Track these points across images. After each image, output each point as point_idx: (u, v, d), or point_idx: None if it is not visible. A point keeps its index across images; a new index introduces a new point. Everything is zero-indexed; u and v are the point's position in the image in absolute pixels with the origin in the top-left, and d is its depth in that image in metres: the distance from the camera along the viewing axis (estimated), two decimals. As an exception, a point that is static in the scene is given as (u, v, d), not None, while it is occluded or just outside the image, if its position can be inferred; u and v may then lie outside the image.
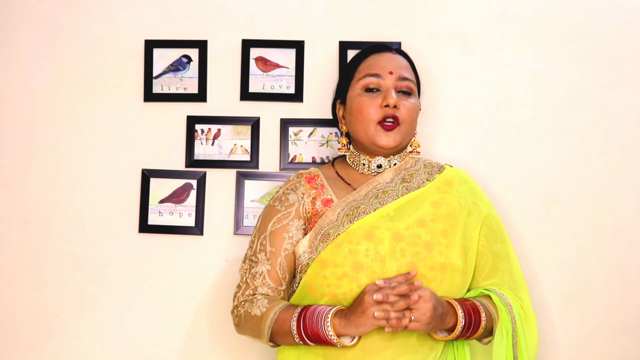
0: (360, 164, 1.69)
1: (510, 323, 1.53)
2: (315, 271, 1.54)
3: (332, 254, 1.53)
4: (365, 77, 1.65)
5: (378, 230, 1.55)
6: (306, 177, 1.69)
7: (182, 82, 1.99)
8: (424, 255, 1.53)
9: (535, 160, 1.94)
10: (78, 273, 1.95)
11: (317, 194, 1.65)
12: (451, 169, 1.70)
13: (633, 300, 1.90)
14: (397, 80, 1.64)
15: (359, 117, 1.63)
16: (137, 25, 2.01)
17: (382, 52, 1.70)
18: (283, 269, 1.60)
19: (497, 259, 1.61)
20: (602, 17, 1.96)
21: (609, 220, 1.91)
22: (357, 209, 1.59)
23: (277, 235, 1.61)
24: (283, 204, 1.65)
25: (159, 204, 1.96)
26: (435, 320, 1.44)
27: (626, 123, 1.94)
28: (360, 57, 1.72)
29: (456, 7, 1.98)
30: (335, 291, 1.51)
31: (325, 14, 1.99)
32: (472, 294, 1.59)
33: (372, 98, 1.63)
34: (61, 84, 2.01)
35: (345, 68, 1.79)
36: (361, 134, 1.64)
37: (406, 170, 1.67)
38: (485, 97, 1.96)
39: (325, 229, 1.57)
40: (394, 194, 1.62)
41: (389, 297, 1.42)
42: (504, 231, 1.67)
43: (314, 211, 1.62)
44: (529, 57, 1.96)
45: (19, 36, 2.02)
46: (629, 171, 1.92)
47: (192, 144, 1.97)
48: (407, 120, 1.63)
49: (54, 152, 1.99)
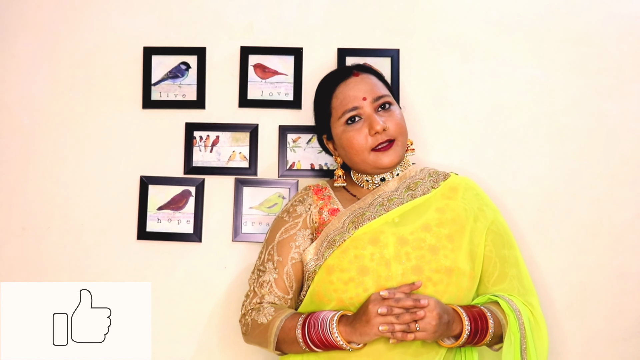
0: (364, 181, 1.70)
1: (518, 329, 1.52)
2: (322, 277, 1.55)
3: (338, 259, 1.55)
4: (344, 114, 1.63)
5: (383, 235, 1.56)
6: (314, 189, 1.72)
7: (180, 89, 1.99)
8: (429, 258, 1.53)
9: (534, 167, 1.94)
10: (76, 280, 1.94)
11: (324, 204, 1.67)
12: (456, 176, 1.71)
13: (632, 307, 1.89)
14: (373, 102, 1.63)
15: (352, 151, 1.63)
16: (135, 32, 2.01)
17: (346, 79, 1.67)
18: (290, 278, 1.61)
19: (506, 265, 1.62)
20: (600, 24, 1.96)
21: (608, 226, 1.91)
22: (363, 215, 1.61)
23: (284, 245, 1.63)
24: (291, 215, 1.67)
25: (157, 210, 1.96)
26: (442, 328, 1.44)
27: (625, 130, 1.93)
28: (328, 91, 1.69)
29: (455, 14, 1.98)
30: (342, 296, 1.52)
31: (324, 21, 1.99)
32: (480, 300, 1.59)
33: (357, 130, 1.62)
34: (60, 91, 2.01)
35: (318, 104, 1.74)
36: (360, 164, 1.65)
37: (411, 178, 1.68)
38: (484, 104, 1.96)
39: (331, 235, 1.59)
40: (398, 201, 1.63)
41: (393, 309, 1.42)
42: (512, 237, 1.67)
43: (321, 220, 1.64)
44: (527, 64, 1.96)
45: (18, 43, 2.03)
46: (627, 178, 1.92)
47: (191, 151, 1.97)
48: (400, 132, 1.63)
49: (53, 158, 2.00)
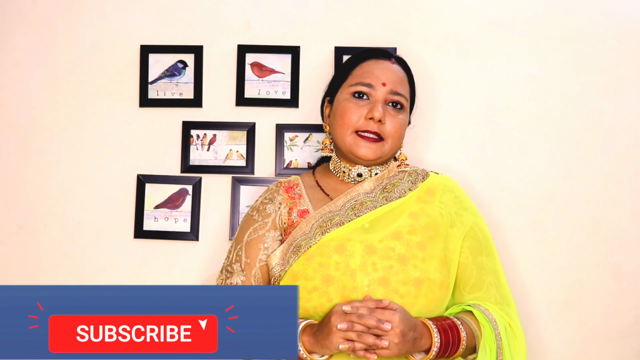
0: (341, 171, 1.64)
1: (494, 340, 1.46)
2: (286, 284, 1.50)
3: (303, 266, 1.49)
4: (357, 84, 1.59)
5: (350, 243, 1.49)
6: (285, 186, 1.65)
7: (177, 88, 1.98)
8: (397, 269, 1.46)
9: (531, 166, 1.94)
10: (73, 278, 1.95)
11: (294, 204, 1.61)
12: (436, 176, 1.65)
13: (629, 305, 1.89)
14: (389, 94, 1.58)
15: (340, 122, 1.58)
16: (132, 31, 2.00)
17: (380, 59, 1.63)
18: (258, 281, 1.57)
19: (482, 272, 1.55)
20: (597, 23, 1.96)
21: (605, 225, 1.91)
22: (331, 220, 1.55)
23: (252, 246, 1.59)
24: (260, 214, 1.62)
25: (154, 209, 1.96)
26: (407, 346, 1.37)
27: (621, 128, 1.94)
28: (357, 59, 1.65)
29: (452, 12, 1.98)
30: (305, 305, 1.47)
31: (321, 20, 1.99)
32: (454, 310, 1.53)
33: (358, 105, 1.58)
34: (57, 89, 2.01)
35: (341, 67, 1.72)
36: (339, 140, 1.60)
37: (389, 179, 1.62)
38: (481, 103, 1.96)
39: (298, 240, 1.54)
40: (371, 205, 1.56)
41: (355, 326, 1.36)
42: (491, 243, 1.61)
43: (290, 222, 1.59)
44: (524, 62, 1.96)
45: (14, 41, 2.02)
46: (624, 176, 1.92)
47: (188, 150, 1.97)
48: (393, 137, 1.58)
49: (49, 157, 1.99)
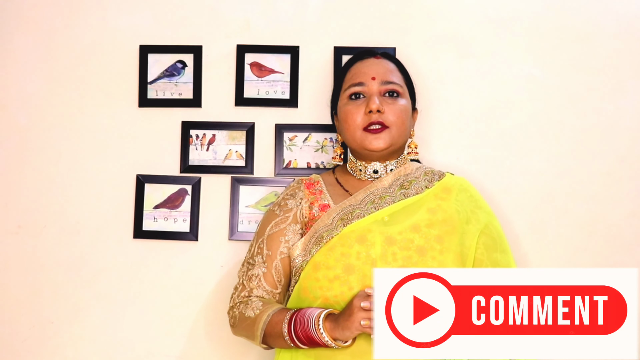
0: (357, 170, 1.70)
1: None
2: (308, 274, 1.55)
3: (324, 256, 1.54)
4: (350, 87, 1.67)
5: (370, 234, 1.55)
6: (306, 183, 1.71)
7: (176, 88, 1.98)
8: (416, 259, 1.52)
9: (530, 165, 1.94)
10: (72, 279, 1.95)
11: (315, 199, 1.66)
12: (452, 176, 1.70)
13: (628, 305, 1.90)
14: (381, 85, 1.65)
15: (346, 125, 1.66)
16: (131, 31, 2.00)
17: (364, 58, 1.71)
18: (279, 273, 1.61)
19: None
20: (597, 22, 1.96)
21: (603, 224, 1.91)
22: (352, 213, 1.60)
23: (274, 239, 1.63)
24: (282, 208, 1.67)
25: (153, 209, 1.95)
26: None
27: (621, 128, 1.94)
28: (346, 67, 1.74)
29: (451, 12, 1.98)
30: (327, 294, 1.52)
31: (320, 20, 1.99)
32: None
33: (356, 105, 1.65)
34: (56, 89, 2.01)
35: (336, 78, 1.79)
36: (350, 141, 1.67)
37: (406, 176, 1.67)
38: (480, 102, 1.96)
39: (320, 232, 1.59)
40: (390, 199, 1.62)
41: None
42: (505, 242, 1.65)
43: (311, 216, 1.64)
44: (523, 62, 1.96)
45: (13, 41, 2.02)
46: (623, 176, 1.93)
47: (187, 150, 1.97)
48: (396, 123, 1.63)
49: (49, 157, 1.99)
